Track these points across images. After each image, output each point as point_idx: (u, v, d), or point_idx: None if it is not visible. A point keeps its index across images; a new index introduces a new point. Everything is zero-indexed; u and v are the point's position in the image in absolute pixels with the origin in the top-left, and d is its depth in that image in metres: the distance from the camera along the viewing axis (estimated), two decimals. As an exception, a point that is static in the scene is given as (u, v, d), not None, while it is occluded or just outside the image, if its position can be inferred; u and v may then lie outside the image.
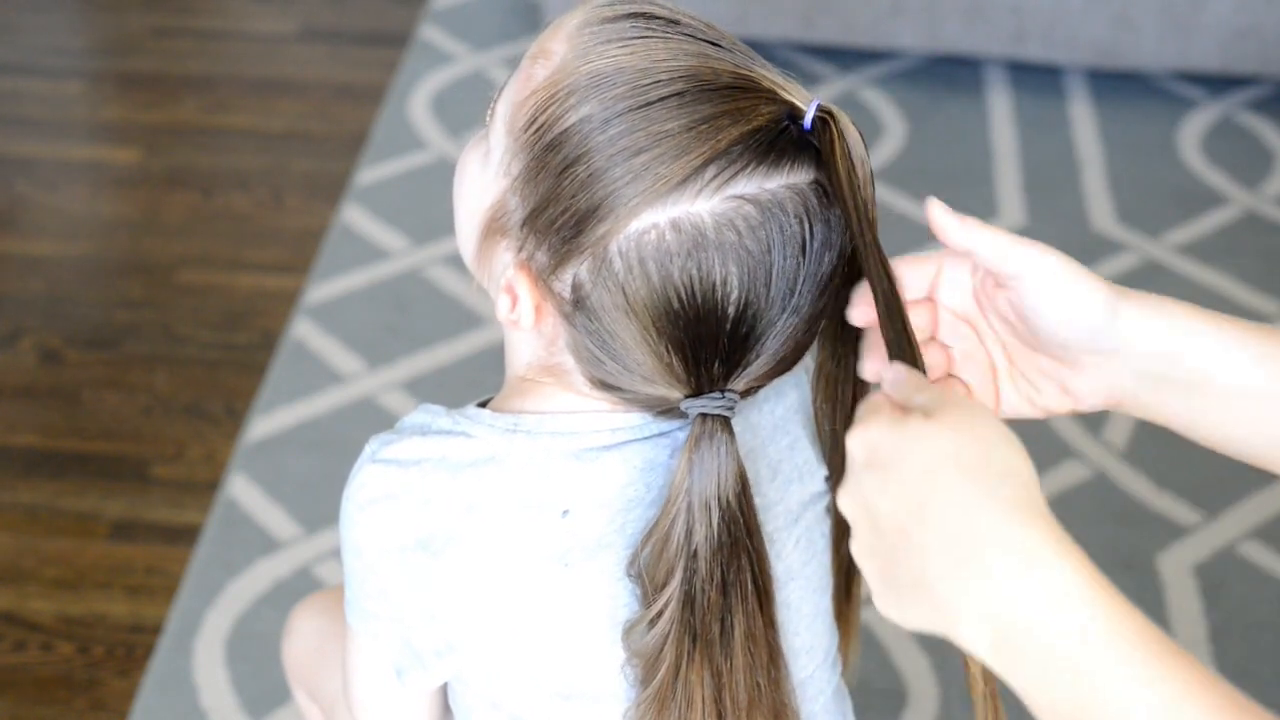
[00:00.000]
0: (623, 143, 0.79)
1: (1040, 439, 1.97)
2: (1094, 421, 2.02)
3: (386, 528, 0.87)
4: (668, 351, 0.82)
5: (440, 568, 0.86)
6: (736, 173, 0.79)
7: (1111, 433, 2.01)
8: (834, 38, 2.69)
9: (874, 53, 2.79)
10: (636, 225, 0.79)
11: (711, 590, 0.84)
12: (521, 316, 0.84)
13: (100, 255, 2.40)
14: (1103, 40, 2.61)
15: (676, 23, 0.83)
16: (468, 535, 0.86)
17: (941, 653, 1.72)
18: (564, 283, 0.82)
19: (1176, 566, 1.82)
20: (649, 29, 0.82)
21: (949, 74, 2.75)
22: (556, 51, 0.83)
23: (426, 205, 2.45)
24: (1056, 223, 2.41)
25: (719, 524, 0.84)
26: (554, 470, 0.86)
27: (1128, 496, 1.92)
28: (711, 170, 0.79)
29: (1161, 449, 1.99)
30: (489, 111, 0.88)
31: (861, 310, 0.84)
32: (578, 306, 0.82)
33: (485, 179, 0.86)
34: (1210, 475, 1.95)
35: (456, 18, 2.95)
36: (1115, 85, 2.72)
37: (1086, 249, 2.35)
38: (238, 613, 1.77)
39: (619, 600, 0.87)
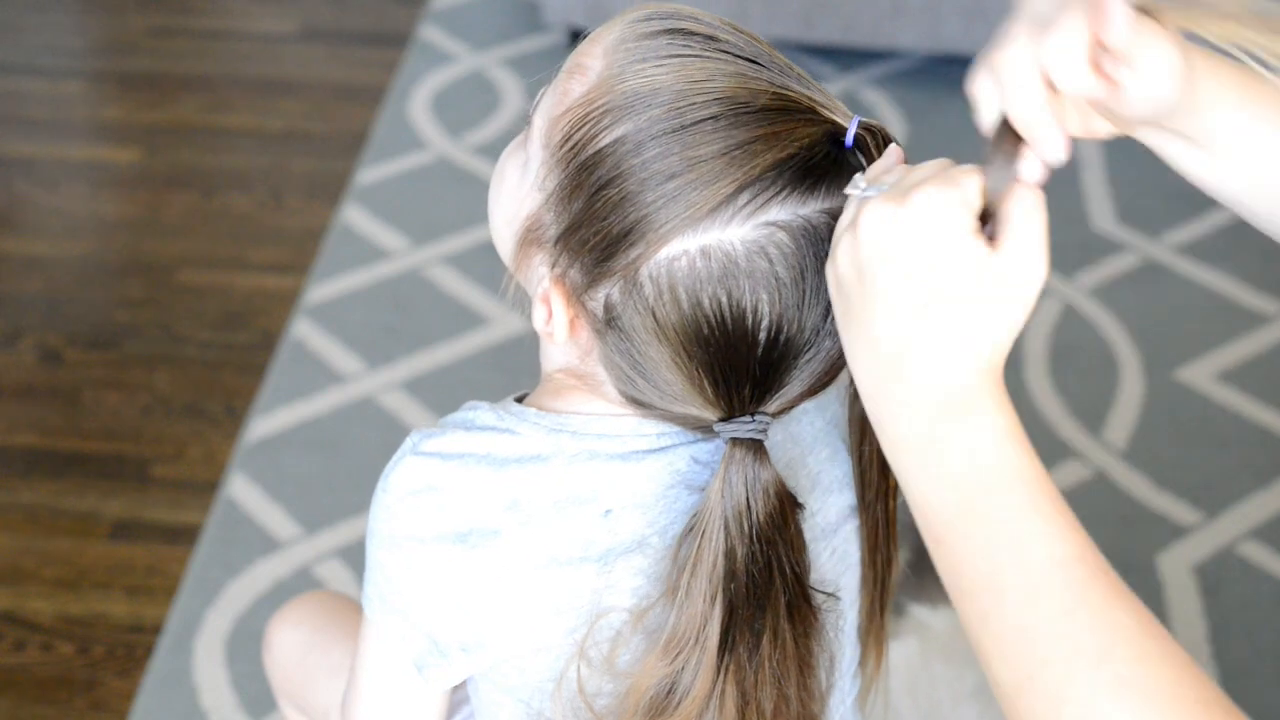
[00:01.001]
0: (656, 166, 0.79)
1: (1040, 439, 1.97)
2: (1094, 421, 2.03)
3: (425, 519, 0.86)
4: (698, 374, 0.81)
5: (477, 561, 0.86)
6: (770, 199, 0.78)
7: (1111, 433, 2.01)
8: (834, 38, 2.69)
9: (874, 53, 2.79)
10: (667, 251, 0.79)
11: (747, 610, 0.84)
12: (556, 330, 0.84)
13: (100, 255, 2.40)
14: (1103, 40, 2.61)
15: (714, 39, 0.82)
16: (508, 531, 0.86)
17: (941, 653, 1.72)
18: (597, 302, 0.82)
19: (1176, 566, 1.82)
20: (686, 47, 0.81)
21: (949, 74, 2.74)
22: (592, 68, 0.83)
23: (426, 205, 2.45)
24: (1056, 223, 2.39)
25: (751, 546, 0.83)
26: (598, 470, 0.86)
27: (1128, 496, 1.92)
28: (745, 197, 0.78)
29: (1161, 449, 1.99)
30: (529, 119, 0.87)
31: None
32: (610, 325, 0.82)
33: (523, 189, 0.86)
34: (1210, 475, 1.95)
35: (456, 18, 2.95)
36: (1115, 85, 2.72)
37: (1086, 249, 2.35)
38: (238, 613, 1.77)
39: (650, 599, 0.87)
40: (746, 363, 0.81)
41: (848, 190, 0.76)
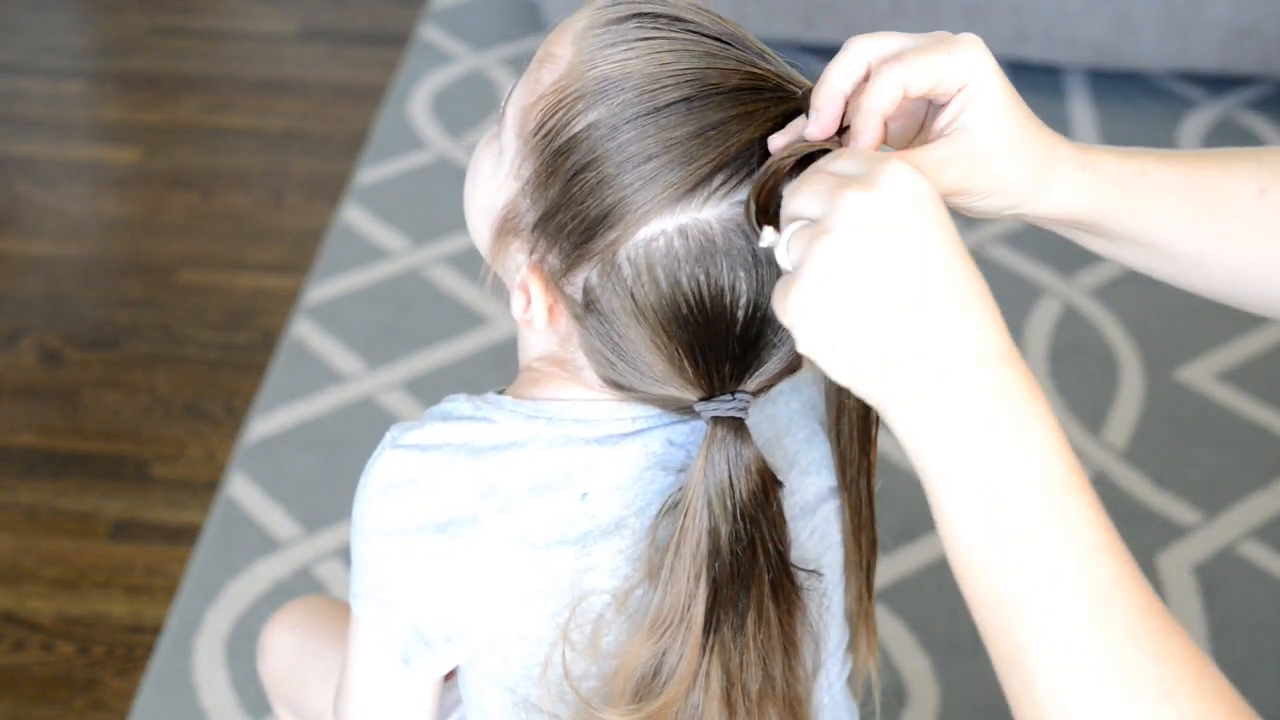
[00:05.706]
0: (632, 149, 0.79)
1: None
2: (1094, 421, 2.03)
3: (406, 511, 0.87)
4: (678, 354, 0.82)
5: (457, 549, 0.87)
6: (745, 177, 0.79)
7: (1111, 433, 2.01)
8: (834, 37, 2.69)
9: (874, 53, 2.79)
10: (645, 232, 0.79)
11: (731, 588, 0.84)
12: (535, 317, 0.85)
13: (100, 255, 2.40)
14: (1103, 40, 2.61)
15: (680, 19, 0.82)
16: (487, 518, 0.86)
17: (942, 653, 1.72)
18: (575, 286, 0.83)
19: (1176, 566, 1.82)
20: (655, 29, 0.82)
21: (949, 74, 2.74)
22: (562, 56, 0.83)
23: (426, 205, 2.45)
24: (1056, 223, 2.41)
25: (735, 524, 0.84)
26: (575, 455, 0.86)
27: (1128, 496, 1.92)
28: (721, 176, 0.79)
29: (1161, 449, 1.99)
30: (501, 111, 0.88)
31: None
32: (589, 309, 0.83)
33: (498, 179, 0.86)
34: (1210, 475, 1.95)
35: (456, 18, 2.95)
36: (1115, 85, 2.72)
37: (1086, 249, 2.35)
38: (238, 613, 1.77)
39: (631, 581, 0.87)
40: (726, 341, 0.82)
41: (762, 244, 0.76)
